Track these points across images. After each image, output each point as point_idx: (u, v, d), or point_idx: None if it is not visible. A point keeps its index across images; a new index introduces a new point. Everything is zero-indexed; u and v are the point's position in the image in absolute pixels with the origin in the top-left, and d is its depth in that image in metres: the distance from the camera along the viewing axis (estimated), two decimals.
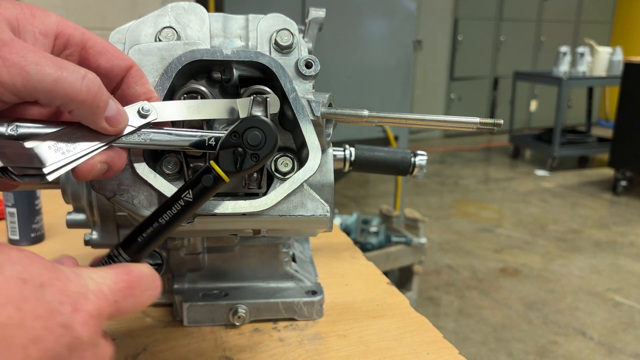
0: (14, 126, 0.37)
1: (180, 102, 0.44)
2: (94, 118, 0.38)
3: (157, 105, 0.42)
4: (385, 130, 2.66)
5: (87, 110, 0.37)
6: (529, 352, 2.26)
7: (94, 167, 0.39)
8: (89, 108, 0.37)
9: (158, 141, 0.42)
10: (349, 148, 0.66)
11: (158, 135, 0.42)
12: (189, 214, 0.40)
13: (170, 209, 0.40)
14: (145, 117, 0.41)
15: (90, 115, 0.38)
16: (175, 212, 0.40)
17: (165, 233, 0.40)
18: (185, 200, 0.40)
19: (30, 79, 0.34)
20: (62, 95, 0.35)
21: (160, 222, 0.40)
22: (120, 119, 0.40)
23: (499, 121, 0.46)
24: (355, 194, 4.31)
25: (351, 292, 0.75)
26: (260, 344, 0.62)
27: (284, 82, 0.47)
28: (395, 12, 2.60)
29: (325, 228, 0.49)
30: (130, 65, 0.42)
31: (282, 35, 0.49)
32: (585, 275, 2.97)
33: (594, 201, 4.25)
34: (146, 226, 0.40)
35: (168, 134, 0.42)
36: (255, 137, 0.41)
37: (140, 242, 0.40)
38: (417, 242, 2.40)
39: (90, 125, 0.39)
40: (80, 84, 0.36)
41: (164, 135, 0.42)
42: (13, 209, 0.89)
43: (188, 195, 0.40)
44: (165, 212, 0.40)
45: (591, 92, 5.63)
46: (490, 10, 6.43)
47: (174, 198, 0.40)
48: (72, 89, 0.36)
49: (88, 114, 0.37)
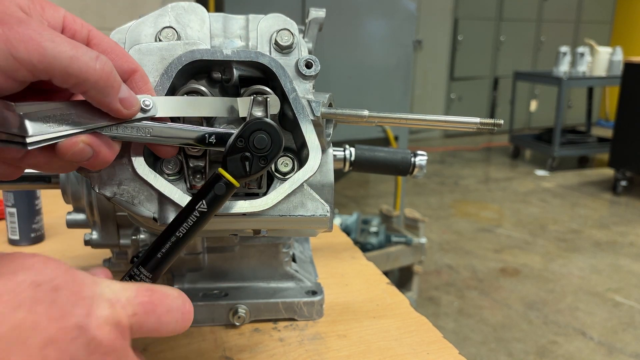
0: (12, 105, 0.37)
1: (182, 98, 0.44)
2: (108, 99, 0.38)
3: (157, 100, 0.42)
4: (385, 130, 2.66)
5: (101, 91, 0.37)
6: (529, 352, 2.26)
7: (75, 144, 0.38)
8: (103, 88, 0.37)
9: (157, 136, 0.42)
10: (349, 148, 0.66)
11: (157, 130, 0.42)
12: (204, 223, 0.40)
13: (186, 221, 0.40)
14: (145, 111, 0.41)
15: (105, 96, 0.38)
16: (192, 224, 0.40)
17: (183, 245, 0.40)
18: (200, 211, 0.40)
19: (47, 55, 0.34)
20: (77, 74, 0.36)
21: (178, 236, 0.40)
22: (133, 101, 0.40)
23: (499, 121, 0.46)
24: (355, 194, 4.31)
25: (351, 292, 0.75)
26: (260, 344, 0.62)
27: (284, 82, 0.47)
28: (395, 12, 2.60)
29: (325, 228, 0.49)
30: (135, 70, 0.42)
31: (282, 35, 0.49)
32: (585, 275, 2.97)
33: (594, 201, 4.25)
34: (164, 241, 0.40)
35: (168, 129, 0.42)
36: (261, 140, 0.41)
37: (159, 257, 0.40)
38: (417, 242, 2.40)
39: (103, 107, 0.39)
40: (95, 63, 0.36)
41: (163, 130, 0.42)
42: (13, 209, 0.89)
43: (202, 206, 0.40)
44: (182, 225, 0.40)
45: (591, 92, 5.63)
46: (490, 10, 6.43)
47: (188, 210, 0.40)
48: (87, 67, 0.36)
49: (102, 94, 0.38)
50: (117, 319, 0.33)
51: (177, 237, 0.40)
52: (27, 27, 0.34)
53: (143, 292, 0.35)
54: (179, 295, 0.37)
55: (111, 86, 0.38)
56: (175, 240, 0.39)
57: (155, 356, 0.59)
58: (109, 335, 0.32)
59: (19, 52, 0.34)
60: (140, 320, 0.35)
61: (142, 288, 0.36)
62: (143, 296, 0.35)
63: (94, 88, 0.37)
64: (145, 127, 0.42)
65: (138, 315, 0.34)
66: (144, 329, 0.35)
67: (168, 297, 0.36)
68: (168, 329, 0.36)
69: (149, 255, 0.40)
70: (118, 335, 0.33)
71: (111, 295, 0.34)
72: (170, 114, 0.43)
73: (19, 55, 0.34)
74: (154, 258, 0.39)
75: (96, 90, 0.37)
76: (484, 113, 6.58)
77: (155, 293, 0.36)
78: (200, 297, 0.66)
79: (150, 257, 0.40)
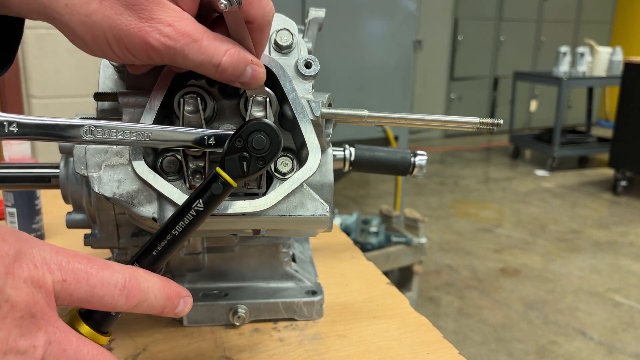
0: (15, 124, 0.37)
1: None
2: (230, 83, 0.44)
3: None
4: (385, 130, 2.66)
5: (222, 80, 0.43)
6: (529, 352, 2.26)
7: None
8: (223, 81, 0.43)
9: (156, 139, 0.42)
10: (349, 148, 0.66)
11: (156, 134, 0.42)
12: (201, 222, 0.40)
13: (182, 219, 0.40)
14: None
15: (225, 82, 0.44)
16: (188, 223, 0.40)
17: (179, 244, 0.40)
18: (196, 210, 0.40)
19: (177, 60, 0.40)
20: (200, 71, 0.42)
21: (174, 234, 0.40)
22: (252, 82, 0.44)
23: (499, 121, 0.46)
24: (355, 194, 4.31)
25: (351, 292, 0.75)
26: (260, 344, 0.62)
27: (283, 82, 0.47)
28: (395, 12, 2.60)
29: (325, 228, 0.49)
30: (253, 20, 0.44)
31: (281, 35, 0.49)
32: (585, 275, 2.97)
33: (594, 201, 4.25)
34: (160, 239, 0.39)
35: (167, 132, 0.42)
36: (260, 140, 0.41)
37: (155, 255, 0.39)
38: (417, 242, 2.40)
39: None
40: (215, 72, 0.41)
41: (162, 134, 0.42)
42: (13, 209, 0.89)
43: (199, 205, 0.40)
44: (177, 224, 0.40)
45: (591, 92, 5.63)
46: (490, 10, 6.43)
47: (185, 208, 0.40)
48: (209, 72, 0.41)
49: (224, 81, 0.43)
50: (40, 281, 0.32)
51: (173, 236, 0.39)
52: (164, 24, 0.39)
53: (79, 260, 0.34)
54: (121, 270, 0.36)
55: (230, 80, 0.43)
56: (171, 238, 0.39)
57: (155, 356, 0.59)
58: (26, 297, 0.31)
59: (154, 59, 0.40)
60: (70, 288, 0.33)
61: (80, 256, 0.34)
62: (78, 263, 0.34)
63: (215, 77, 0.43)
64: (144, 131, 0.42)
65: (67, 282, 0.33)
66: (74, 298, 0.34)
67: (107, 270, 0.35)
68: (103, 303, 0.35)
69: (144, 252, 0.40)
70: (39, 298, 0.31)
71: (39, 257, 0.32)
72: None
73: (156, 61, 0.41)
74: (149, 255, 0.39)
75: (217, 80, 0.43)
76: (484, 113, 6.58)
77: (94, 263, 0.35)
78: (200, 297, 0.66)
79: (145, 255, 0.39)
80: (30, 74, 2.39)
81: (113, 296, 0.35)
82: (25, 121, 0.39)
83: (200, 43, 0.40)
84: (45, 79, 2.41)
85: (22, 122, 0.38)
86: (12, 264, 0.31)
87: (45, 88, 2.43)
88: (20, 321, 0.30)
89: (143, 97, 0.47)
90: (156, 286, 0.38)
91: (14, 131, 0.38)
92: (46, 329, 0.32)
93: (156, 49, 0.39)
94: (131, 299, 0.36)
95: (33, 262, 0.32)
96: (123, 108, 0.47)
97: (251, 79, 0.43)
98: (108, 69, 0.53)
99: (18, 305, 0.30)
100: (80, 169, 0.47)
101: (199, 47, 0.40)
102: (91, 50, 0.41)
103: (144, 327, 0.65)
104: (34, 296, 0.31)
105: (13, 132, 0.38)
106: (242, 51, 0.42)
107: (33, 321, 0.31)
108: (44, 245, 0.33)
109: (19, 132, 0.38)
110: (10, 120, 0.38)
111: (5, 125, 0.38)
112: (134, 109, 0.47)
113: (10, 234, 0.32)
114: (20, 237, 0.32)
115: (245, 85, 0.44)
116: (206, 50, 0.40)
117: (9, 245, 0.31)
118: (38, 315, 0.31)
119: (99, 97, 0.52)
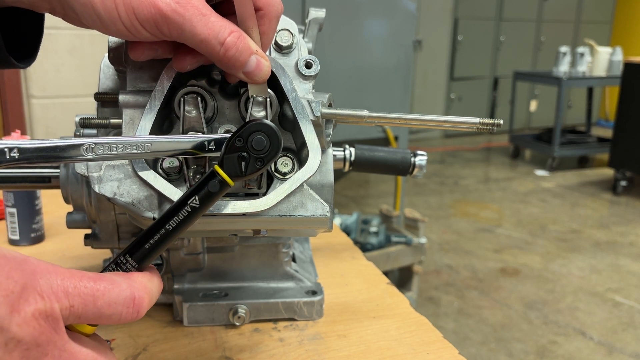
0: (16, 149, 0.38)
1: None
2: (232, 71, 0.44)
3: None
4: (385, 130, 2.66)
5: (224, 67, 0.43)
6: (529, 352, 2.26)
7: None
8: (225, 67, 0.43)
9: (157, 150, 0.42)
10: (349, 148, 0.66)
11: (157, 145, 0.42)
12: (195, 219, 0.40)
13: (177, 215, 0.40)
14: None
15: (227, 69, 0.44)
16: (182, 218, 0.40)
17: (172, 239, 0.40)
18: (191, 206, 0.40)
19: (185, 35, 0.41)
20: (204, 52, 0.42)
21: (167, 229, 0.39)
22: (258, 73, 0.44)
23: (499, 121, 0.46)
24: (355, 194, 4.31)
25: (351, 292, 0.75)
26: (260, 344, 0.62)
27: (283, 82, 0.47)
28: (395, 12, 2.60)
29: (325, 228, 0.49)
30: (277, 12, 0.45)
31: (282, 35, 0.50)
32: (585, 275, 2.97)
33: (594, 201, 4.25)
34: (153, 233, 0.39)
35: (167, 142, 0.42)
36: (260, 141, 0.41)
37: (147, 248, 0.39)
38: (417, 242, 2.40)
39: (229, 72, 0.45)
40: (219, 49, 0.42)
41: (162, 144, 0.42)
42: (13, 209, 0.89)
43: (194, 201, 0.40)
44: (172, 219, 0.39)
45: (591, 92, 5.63)
46: (490, 10, 6.43)
47: (180, 204, 0.40)
48: (212, 51, 0.42)
49: (225, 68, 0.44)
50: (47, 311, 0.32)
51: (167, 230, 0.39)
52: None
53: (85, 283, 0.34)
54: (128, 286, 0.36)
55: (233, 66, 0.43)
56: (164, 232, 0.39)
57: (155, 356, 0.59)
58: (32, 331, 0.31)
59: (161, 28, 0.41)
60: (77, 312, 0.34)
61: (87, 278, 0.35)
62: (84, 287, 0.34)
63: (217, 63, 0.43)
64: (144, 143, 0.42)
65: (75, 307, 0.33)
66: (83, 319, 0.34)
67: (113, 289, 0.35)
68: (112, 320, 0.36)
69: (136, 244, 0.39)
70: (47, 328, 0.32)
71: (46, 287, 0.32)
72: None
73: (163, 31, 0.41)
74: (141, 248, 0.39)
75: (220, 65, 0.43)
76: (484, 113, 6.58)
77: (100, 283, 0.35)
78: (200, 297, 0.66)
79: (137, 247, 0.39)
80: (30, 74, 2.39)
81: (121, 314, 0.36)
82: (25, 146, 0.39)
83: (208, 18, 0.41)
84: (45, 79, 2.41)
85: (23, 147, 0.38)
86: (17, 301, 0.31)
87: (45, 88, 2.43)
88: (26, 352, 0.31)
89: (143, 97, 0.47)
90: (159, 289, 0.40)
91: (15, 157, 0.38)
92: (52, 353, 0.32)
93: (165, 14, 0.40)
94: (142, 312, 0.37)
95: (40, 293, 0.32)
96: (123, 108, 0.47)
97: (256, 70, 0.43)
98: (108, 69, 0.53)
99: (24, 339, 0.31)
100: (80, 169, 0.47)
101: (206, 21, 0.41)
102: (99, 18, 0.41)
103: (144, 327, 0.65)
104: (40, 327, 0.32)
105: (14, 157, 0.38)
106: (248, 38, 0.43)
107: (39, 349, 0.32)
108: (50, 273, 0.33)
109: (21, 157, 0.38)
110: (10, 147, 0.38)
111: (7, 151, 0.38)
112: (134, 109, 0.47)
113: (16, 268, 0.32)
114: (25, 269, 0.32)
115: (250, 76, 0.44)
116: (213, 25, 0.41)
117: (14, 283, 0.31)
118: (44, 343, 0.32)
119: (99, 97, 0.52)
